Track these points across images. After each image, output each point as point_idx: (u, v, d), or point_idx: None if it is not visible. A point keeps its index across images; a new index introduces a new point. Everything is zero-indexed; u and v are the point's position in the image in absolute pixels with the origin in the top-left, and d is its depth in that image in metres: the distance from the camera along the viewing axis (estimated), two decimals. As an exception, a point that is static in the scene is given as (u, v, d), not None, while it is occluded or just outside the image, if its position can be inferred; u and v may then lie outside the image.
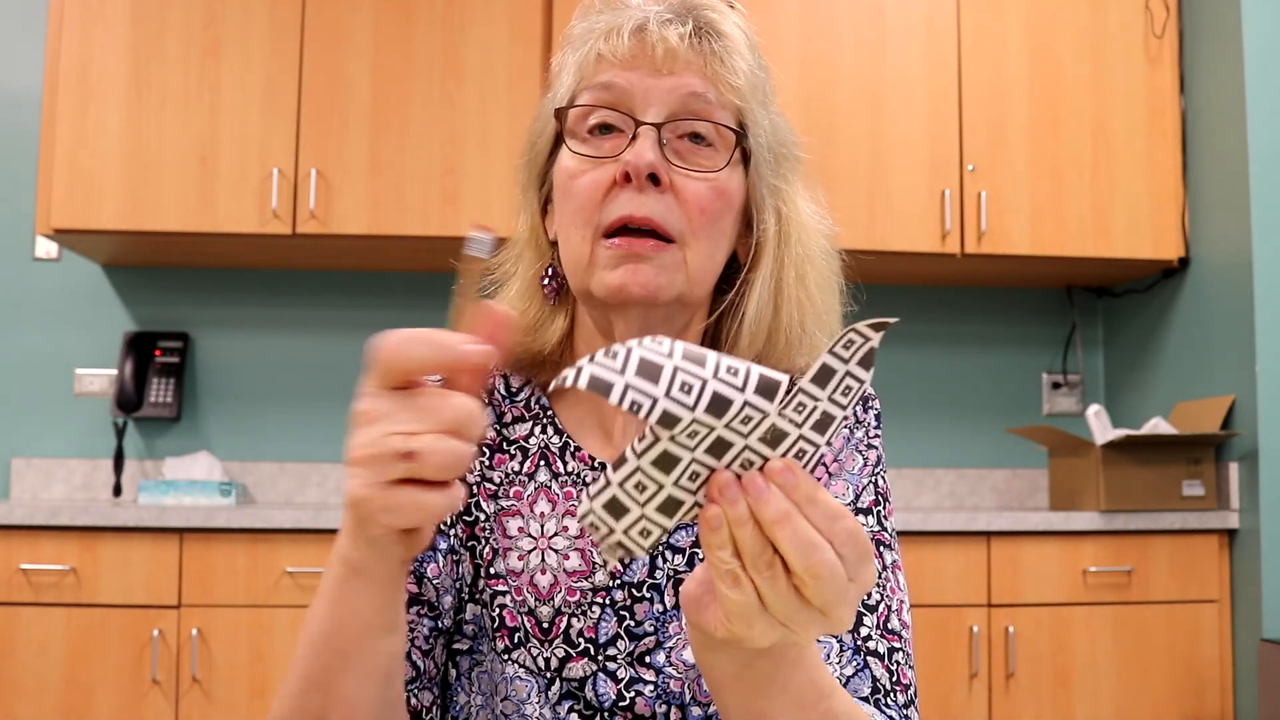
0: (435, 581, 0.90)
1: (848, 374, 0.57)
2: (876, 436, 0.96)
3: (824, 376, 0.56)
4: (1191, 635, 2.71)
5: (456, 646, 0.92)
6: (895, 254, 2.95)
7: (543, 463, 0.94)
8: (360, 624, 0.70)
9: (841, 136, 2.95)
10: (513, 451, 0.95)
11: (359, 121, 2.87)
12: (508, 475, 0.94)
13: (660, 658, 0.88)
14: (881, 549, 0.91)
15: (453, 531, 0.92)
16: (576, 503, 0.92)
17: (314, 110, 2.87)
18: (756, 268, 0.92)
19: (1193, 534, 2.73)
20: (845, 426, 0.95)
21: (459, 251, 0.66)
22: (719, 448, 0.56)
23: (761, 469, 0.56)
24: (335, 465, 3.20)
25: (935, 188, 2.96)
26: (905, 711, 0.85)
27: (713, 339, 0.94)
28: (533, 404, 0.97)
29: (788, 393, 0.56)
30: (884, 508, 0.93)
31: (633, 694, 0.88)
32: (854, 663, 0.85)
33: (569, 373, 0.53)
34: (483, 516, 0.93)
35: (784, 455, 0.57)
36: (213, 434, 3.20)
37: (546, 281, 0.95)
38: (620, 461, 0.57)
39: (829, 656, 0.85)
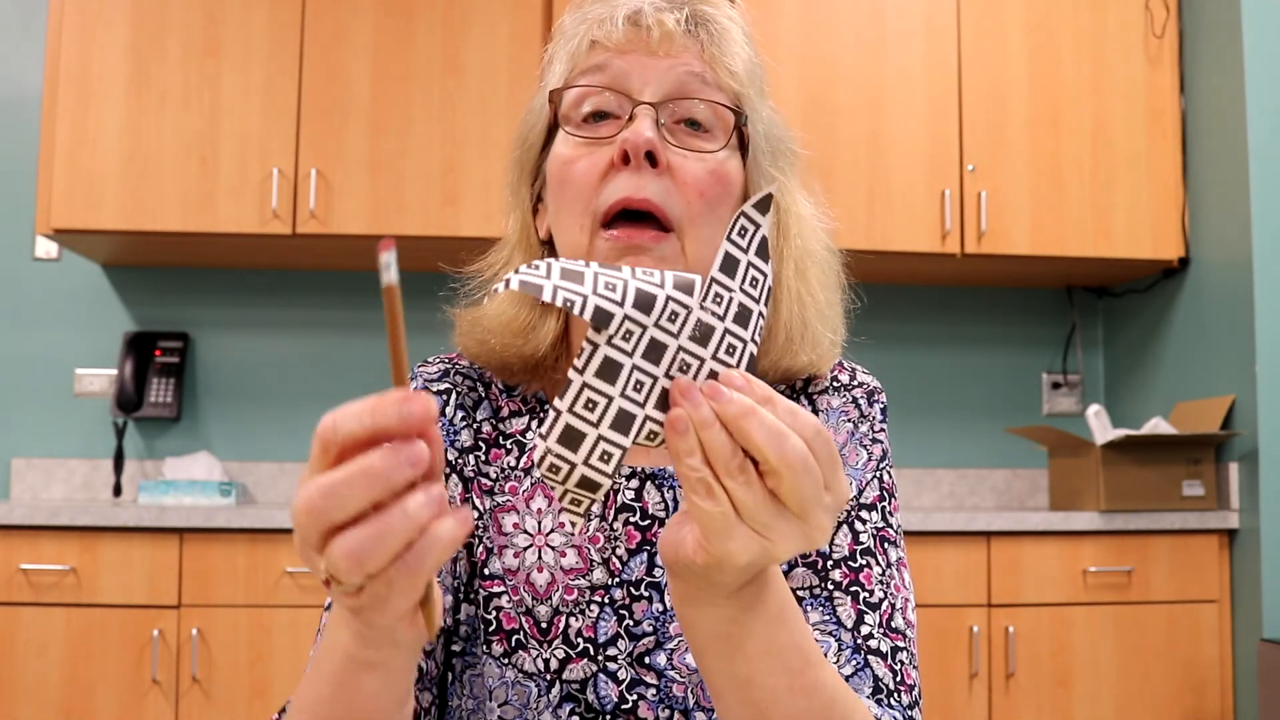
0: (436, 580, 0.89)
1: (750, 264, 0.60)
2: (882, 431, 0.94)
3: (730, 265, 0.59)
4: (1191, 635, 2.71)
5: (450, 648, 0.90)
6: (895, 254, 2.95)
7: None
8: (373, 708, 0.65)
9: (841, 136, 2.95)
10: (509, 446, 0.93)
11: (359, 121, 2.87)
12: (503, 470, 0.92)
13: (661, 659, 0.87)
14: (886, 545, 0.89)
15: None
16: None
17: (314, 110, 2.87)
18: None
19: (1193, 534, 2.73)
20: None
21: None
22: (654, 351, 0.57)
23: (698, 375, 0.58)
24: (335, 465, 3.19)
25: (935, 188, 2.96)
26: (910, 713, 0.83)
27: None
28: (529, 398, 0.95)
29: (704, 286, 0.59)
30: (889, 503, 0.91)
31: (635, 697, 0.86)
32: (853, 662, 0.83)
33: (499, 285, 0.55)
34: (477, 514, 0.91)
35: (715, 353, 0.58)
36: (213, 434, 3.20)
37: None
38: (565, 388, 0.57)
39: (827, 654, 0.83)
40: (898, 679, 0.83)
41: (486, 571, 0.89)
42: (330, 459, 0.52)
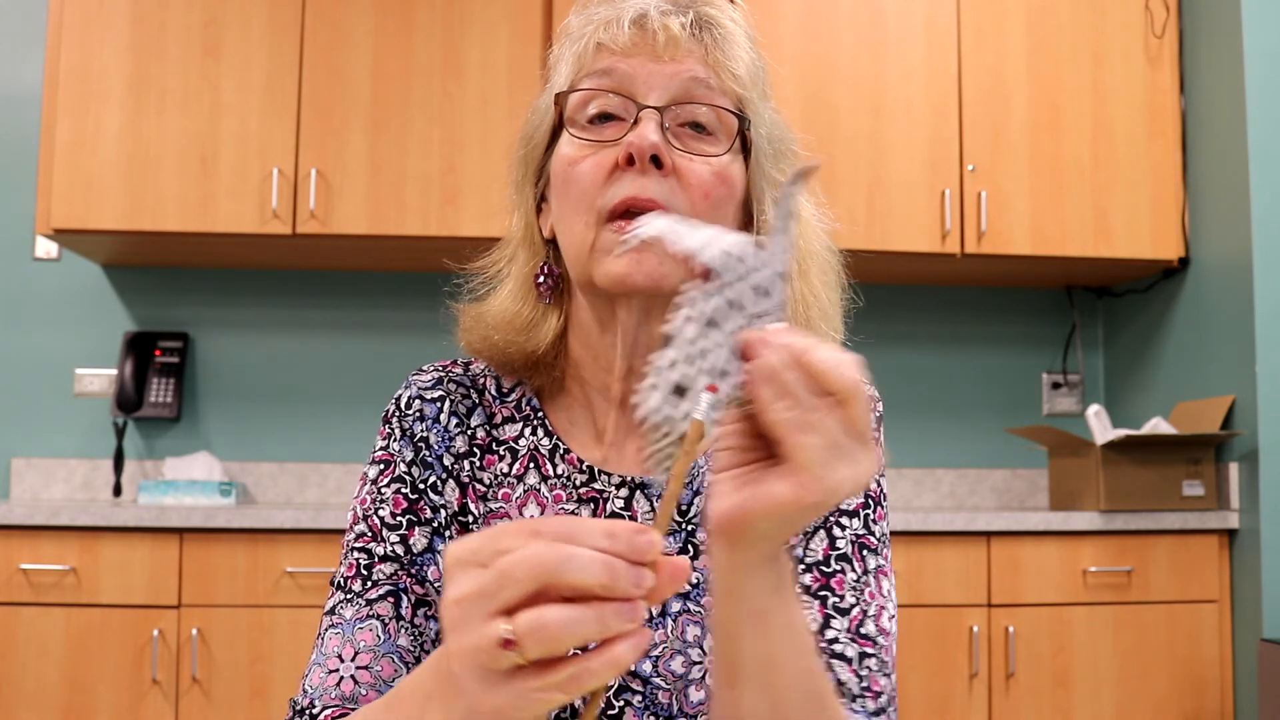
0: (437, 585, 0.89)
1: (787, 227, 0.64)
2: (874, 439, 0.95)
3: (781, 226, 0.63)
4: (1191, 635, 2.71)
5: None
6: (895, 254, 2.95)
7: (532, 465, 0.93)
8: None
9: (841, 136, 2.95)
10: (502, 453, 0.94)
11: (359, 121, 2.87)
12: (496, 477, 0.93)
13: (647, 666, 0.87)
14: (864, 553, 0.89)
15: (449, 533, 0.91)
16: (565, 506, 0.91)
17: (314, 110, 2.87)
18: None
19: (1193, 534, 2.73)
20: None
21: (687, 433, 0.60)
22: (737, 304, 0.61)
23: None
24: (335, 465, 3.20)
25: (935, 188, 2.96)
26: (873, 719, 0.83)
27: None
28: (524, 405, 0.96)
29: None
30: (873, 511, 0.91)
31: (621, 703, 0.86)
32: None
33: (633, 236, 0.59)
34: (472, 518, 0.92)
35: (769, 306, 0.62)
36: (213, 434, 3.20)
37: (541, 280, 0.93)
38: (672, 339, 0.59)
39: None
40: (863, 684, 0.84)
41: None
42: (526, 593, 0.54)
